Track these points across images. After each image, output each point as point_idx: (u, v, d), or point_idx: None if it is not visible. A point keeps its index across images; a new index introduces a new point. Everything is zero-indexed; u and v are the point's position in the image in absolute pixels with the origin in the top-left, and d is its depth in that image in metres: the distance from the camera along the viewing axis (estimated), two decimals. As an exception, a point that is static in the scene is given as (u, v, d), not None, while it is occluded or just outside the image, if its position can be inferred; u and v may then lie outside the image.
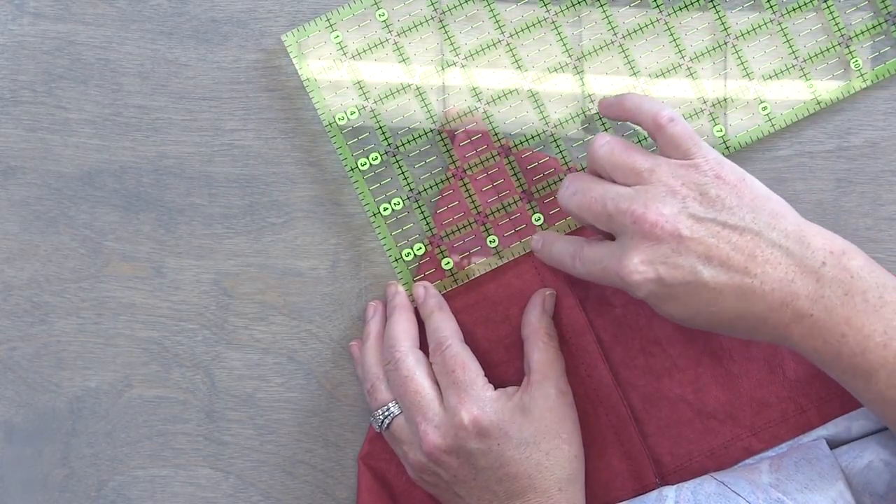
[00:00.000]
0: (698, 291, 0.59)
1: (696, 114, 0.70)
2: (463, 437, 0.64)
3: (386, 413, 0.67)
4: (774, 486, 0.64)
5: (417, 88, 0.70)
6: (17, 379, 0.72)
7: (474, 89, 0.70)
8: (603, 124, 0.70)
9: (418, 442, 0.65)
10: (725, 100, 0.70)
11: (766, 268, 0.58)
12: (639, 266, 0.59)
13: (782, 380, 0.69)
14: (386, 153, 0.71)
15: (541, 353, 0.67)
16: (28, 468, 0.72)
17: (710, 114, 0.70)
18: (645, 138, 0.70)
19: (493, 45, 0.70)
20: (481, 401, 0.65)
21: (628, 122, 0.68)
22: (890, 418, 0.58)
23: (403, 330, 0.68)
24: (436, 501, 0.71)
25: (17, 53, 0.72)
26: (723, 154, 0.69)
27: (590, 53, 0.70)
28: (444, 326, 0.68)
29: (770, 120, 0.70)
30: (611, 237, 0.63)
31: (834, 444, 0.67)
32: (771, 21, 0.70)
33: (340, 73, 0.70)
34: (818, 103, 0.70)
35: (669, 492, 0.66)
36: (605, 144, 0.62)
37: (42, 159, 0.72)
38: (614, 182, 0.62)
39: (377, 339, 0.69)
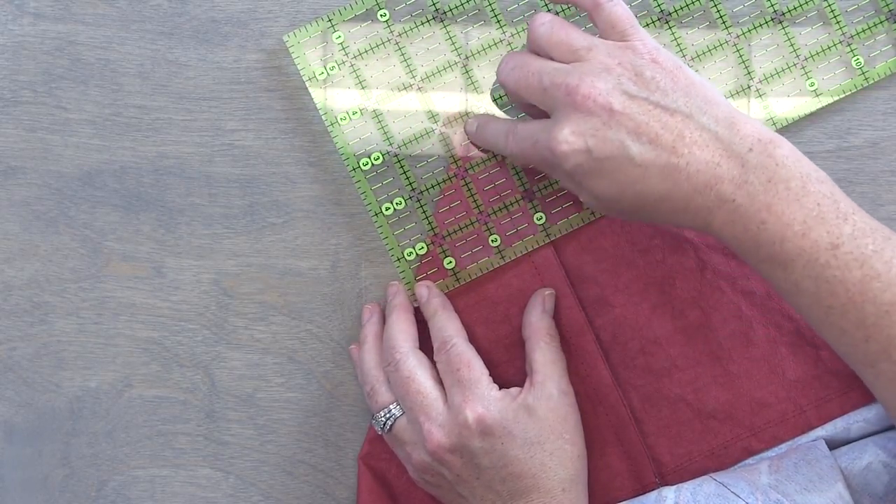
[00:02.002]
0: (624, 167, 0.59)
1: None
2: (467, 436, 0.64)
3: (388, 415, 0.67)
4: (773, 488, 0.64)
5: (419, 88, 0.70)
6: (17, 379, 0.72)
7: (475, 89, 0.70)
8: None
9: (422, 442, 0.65)
10: (731, 96, 0.70)
11: (693, 149, 0.58)
12: (568, 136, 0.59)
13: (782, 380, 0.69)
14: (388, 153, 0.71)
15: (543, 354, 0.67)
16: (28, 468, 0.72)
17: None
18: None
19: (496, 43, 0.70)
20: (486, 399, 0.65)
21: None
22: (804, 308, 0.59)
23: (403, 330, 0.68)
24: (437, 502, 0.71)
25: (18, 53, 0.72)
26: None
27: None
28: (449, 325, 0.68)
29: (771, 118, 0.70)
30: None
31: (833, 444, 0.67)
32: (771, 20, 0.70)
33: (342, 72, 0.70)
34: (819, 102, 0.70)
35: (669, 492, 0.66)
36: (546, 23, 0.63)
37: (42, 159, 0.72)
38: (552, 60, 0.62)
39: (375, 341, 0.69)
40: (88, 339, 0.72)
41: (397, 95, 0.70)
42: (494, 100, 0.70)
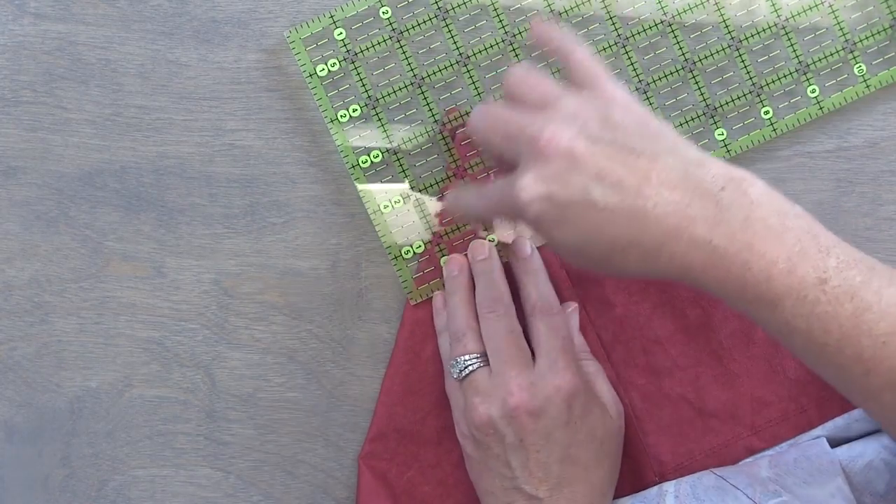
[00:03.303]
0: (589, 212, 0.56)
1: (698, 117, 0.71)
2: (554, 402, 0.64)
3: (472, 360, 0.67)
4: (773, 481, 0.64)
5: (420, 87, 0.70)
6: (18, 379, 0.72)
7: (476, 88, 0.71)
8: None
9: (502, 396, 0.65)
10: (728, 103, 0.70)
11: (660, 189, 0.55)
12: (530, 183, 0.57)
13: (783, 379, 0.69)
14: (387, 151, 0.71)
15: (592, 367, 0.69)
16: (28, 468, 0.72)
17: (712, 116, 0.71)
18: None
19: (496, 44, 0.70)
20: (580, 377, 0.66)
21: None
22: (797, 348, 0.56)
23: (506, 288, 0.69)
24: (438, 501, 0.71)
25: (18, 53, 0.72)
26: (724, 158, 0.69)
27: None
28: (550, 291, 0.69)
29: (772, 125, 0.70)
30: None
31: (834, 443, 0.67)
32: (775, 25, 0.70)
33: (343, 69, 0.70)
34: (821, 108, 0.70)
35: (669, 486, 0.66)
36: (517, 73, 0.61)
37: (43, 159, 0.72)
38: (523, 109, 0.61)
39: (468, 292, 0.69)
40: (89, 338, 0.72)
41: (398, 93, 0.71)
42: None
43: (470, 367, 0.66)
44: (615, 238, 0.56)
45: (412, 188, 0.71)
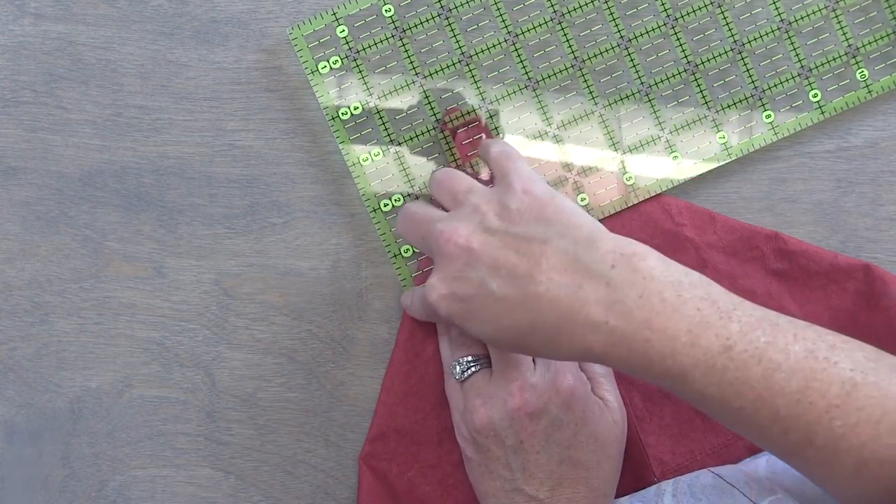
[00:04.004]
0: (488, 304, 0.58)
1: (700, 119, 0.71)
2: (554, 403, 0.64)
3: (473, 361, 0.67)
4: (770, 479, 0.64)
5: (421, 85, 0.70)
6: (18, 379, 0.72)
7: (478, 88, 0.71)
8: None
9: (503, 398, 0.65)
10: (730, 106, 0.70)
11: (551, 274, 0.56)
12: (436, 283, 0.60)
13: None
14: (388, 149, 0.71)
15: (600, 368, 0.69)
16: (28, 468, 0.72)
17: (713, 120, 0.71)
18: None
19: (499, 44, 0.70)
20: (580, 377, 0.66)
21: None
22: (716, 414, 0.56)
23: None
24: (437, 503, 0.71)
25: (18, 54, 0.72)
26: (726, 161, 0.69)
27: (593, 56, 0.71)
28: None
29: (774, 128, 0.70)
30: None
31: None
32: (778, 28, 0.70)
33: (345, 67, 0.70)
34: (822, 113, 0.70)
35: (667, 485, 0.66)
36: (438, 173, 0.64)
37: (43, 160, 0.72)
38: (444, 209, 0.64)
39: None
40: (89, 339, 0.72)
41: (399, 92, 0.71)
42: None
43: (472, 369, 0.66)
44: (516, 325, 0.57)
45: (412, 186, 0.71)
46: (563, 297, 0.56)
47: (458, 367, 0.67)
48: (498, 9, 0.70)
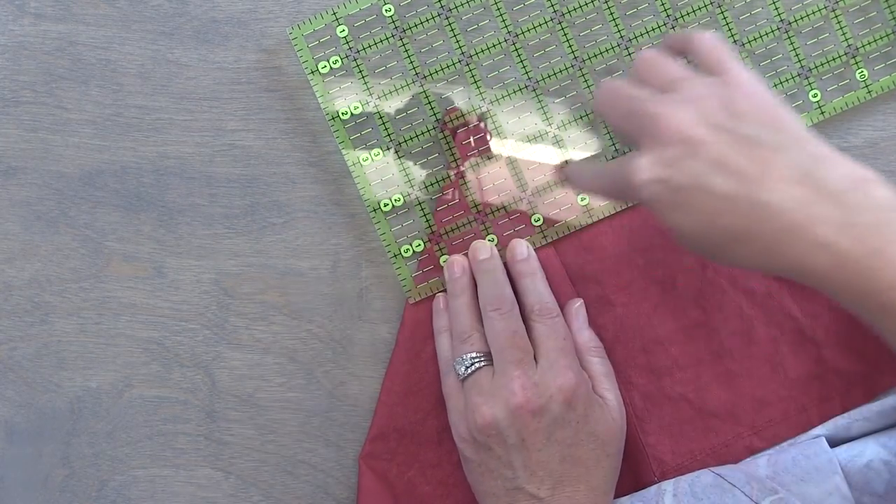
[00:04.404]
0: (704, 199, 0.55)
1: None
2: (555, 401, 0.64)
3: (477, 359, 0.67)
4: (770, 478, 0.64)
5: (422, 85, 0.71)
6: (18, 379, 0.72)
7: (478, 86, 0.71)
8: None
9: (506, 395, 0.65)
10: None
11: (781, 185, 0.54)
12: (645, 165, 0.56)
13: (783, 378, 0.70)
14: (388, 149, 0.71)
15: (595, 367, 0.69)
16: (28, 468, 0.72)
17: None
18: None
19: (499, 43, 0.70)
20: (583, 377, 0.66)
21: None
22: None
23: (509, 287, 0.68)
24: (437, 503, 0.71)
25: (18, 54, 0.72)
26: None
27: (594, 57, 0.71)
28: (548, 293, 0.69)
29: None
30: None
31: (834, 442, 0.68)
32: (778, 28, 0.70)
33: (345, 67, 0.70)
34: (822, 113, 0.71)
35: (668, 485, 0.66)
36: (647, 54, 0.60)
37: (43, 159, 0.72)
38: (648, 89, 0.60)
39: (472, 293, 0.69)
40: (89, 339, 0.72)
41: (400, 92, 0.71)
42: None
43: (476, 365, 0.66)
44: (731, 228, 0.55)
45: (411, 186, 0.71)
46: (794, 209, 0.53)
47: (461, 363, 0.67)
48: (498, 9, 0.70)
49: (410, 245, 0.71)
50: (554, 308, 0.68)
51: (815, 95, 0.70)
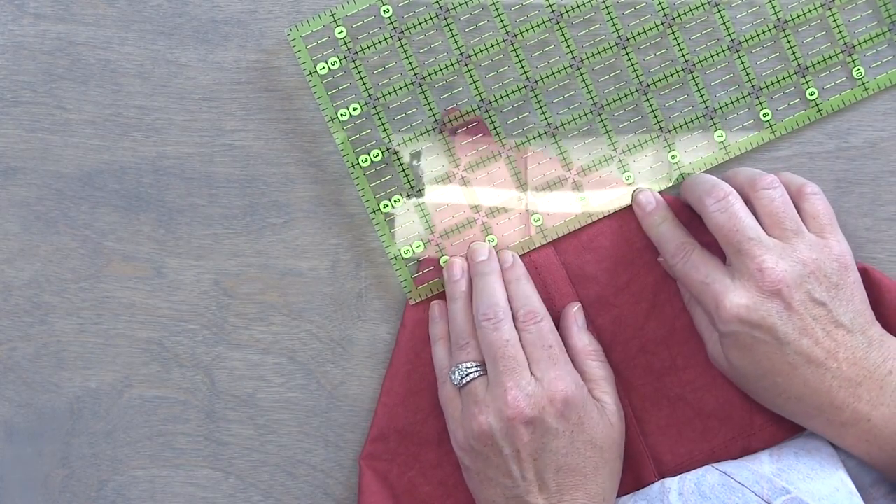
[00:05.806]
0: (774, 356, 0.63)
1: (698, 118, 0.71)
2: (549, 412, 0.64)
3: (472, 368, 0.67)
4: (777, 476, 0.64)
5: (420, 86, 0.70)
6: (18, 379, 0.72)
7: (477, 87, 0.71)
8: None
9: (499, 406, 0.65)
10: (727, 105, 0.70)
11: (842, 365, 0.62)
12: (743, 303, 0.62)
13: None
14: (387, 150, 0.71)
15: (594, 371, 0.68)
16: (28, 468, 0.72)
17: (712, 118, 0.71)
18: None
19: (497, 44, 0.70)
20: (576, 383, 0.66)
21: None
22: None
23: (502, 294, 0.68)
24: (437, 503, 0.71)
25: (18, 54, 0.72)
26: (723, 160, 0.69)
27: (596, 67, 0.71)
28: (535, 298, 0.68)
29: (771, 127, 0.70)
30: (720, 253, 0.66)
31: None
32: (775, 27, 0.70)
33: (344, 68, 0.70)
34: (819, 111, 0.70)
35: (672, 483, 0.66)
36: (773, 190, 0.65)
37: (42, 160, 0.72)
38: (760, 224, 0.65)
39: (468, 298, 0.69)
40: (88, 339, 0.72)
41: (398, 92, 0.71)
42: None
43: (471, 375, 0.66)
44: (786, 387, 0.64)
45: (411, 187, 0.71)
46: (843, 387, 0.62)
47: (457, 373, 0.67)
48: (496, 9, 0.70)
49: (410, 246, 0.71)
50: (538, 310, 0.67)
51: (811, 94, 0.70)
